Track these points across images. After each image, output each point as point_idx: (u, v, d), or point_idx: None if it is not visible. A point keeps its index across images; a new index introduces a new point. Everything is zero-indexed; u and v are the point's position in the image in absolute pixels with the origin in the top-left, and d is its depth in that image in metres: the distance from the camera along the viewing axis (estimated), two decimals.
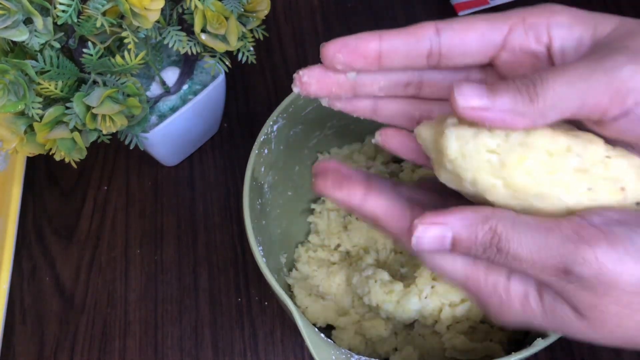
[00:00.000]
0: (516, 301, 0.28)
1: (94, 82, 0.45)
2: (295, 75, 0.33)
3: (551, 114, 0.26)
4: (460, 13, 0.68)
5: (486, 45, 0.30)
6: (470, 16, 0.31)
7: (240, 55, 0.50)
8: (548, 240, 0.26)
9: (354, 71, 0.32)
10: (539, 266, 0.26)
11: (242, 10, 0.48)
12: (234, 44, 0.46)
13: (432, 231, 0.28)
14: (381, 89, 0.33)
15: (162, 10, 0.42)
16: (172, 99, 0.53)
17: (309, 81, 0.33)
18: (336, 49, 0.31)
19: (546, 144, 0.27)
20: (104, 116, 0.44)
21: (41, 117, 0.44)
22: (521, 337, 0.47)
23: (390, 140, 0.34)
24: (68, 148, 0.46)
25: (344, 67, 0.31)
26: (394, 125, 0.35)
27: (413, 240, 0.28)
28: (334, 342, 0.48)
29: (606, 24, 0.28)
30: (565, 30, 0.29)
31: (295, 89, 0.33)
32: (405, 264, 0.49)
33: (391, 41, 0.31)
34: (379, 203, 0.30)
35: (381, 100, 0.34)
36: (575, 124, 0.29)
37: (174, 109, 0.53)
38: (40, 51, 0.42)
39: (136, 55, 0.44)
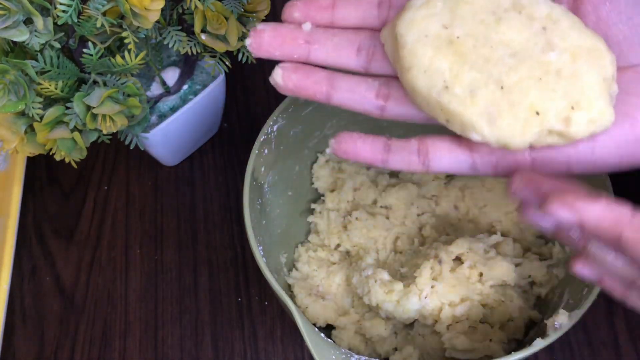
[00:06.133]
0: None
1: (94, 82, 0.45)
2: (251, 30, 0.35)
3: None
4: None
5: None
6: None
7: (240, 55, 0.50)
8: None
9: (308, 22, 0.35)
10: None
11: (242, 10, 0.48)
12: (234, 44, 0.46)
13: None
14: (335, 47, 0.35)
15: (162, 10, 0.42)
16: (172, 99, 0.53)
17: (264, 28, 0.35)
18: (294, 2, 0.35)
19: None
20: (104, 116, 0.44)
21: (41, 117, 0.44)
22: (521, 337, 0.47)
23: (344, 145, 0.34)
24: (68, 148, 0.46)
25: (300, 17, 0.35)
26: (347, 107, 0.35)
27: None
28: (334, 342, 0.48)
29: None
30: None
31: (247, 41, 0.34)
32: (405, 264, 0.49)
33: None
34: None
35: (336, 77, 0.35)
36: None
37: (174, 109, 0.53)
38: (41, 51, 0.42)
39: (136, 56, 0.44)
